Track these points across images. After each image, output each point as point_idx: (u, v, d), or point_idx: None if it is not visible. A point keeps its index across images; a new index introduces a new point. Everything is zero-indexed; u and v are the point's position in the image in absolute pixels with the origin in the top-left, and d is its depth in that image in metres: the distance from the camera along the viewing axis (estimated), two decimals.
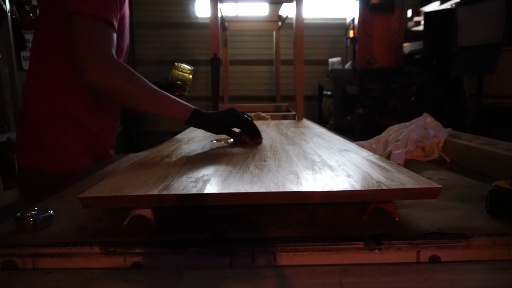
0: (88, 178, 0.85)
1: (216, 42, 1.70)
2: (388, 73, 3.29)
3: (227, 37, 2.81)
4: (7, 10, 1.94)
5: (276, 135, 1.09)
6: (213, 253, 0.48)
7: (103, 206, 0.55)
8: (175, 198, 0.51)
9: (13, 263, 0.48)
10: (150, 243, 0.48)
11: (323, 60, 4.59)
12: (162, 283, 0.41)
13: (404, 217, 0.56)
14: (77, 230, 0.53)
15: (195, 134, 1.17)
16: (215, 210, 0.60)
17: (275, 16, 2.67)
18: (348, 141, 0.98)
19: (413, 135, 1.04)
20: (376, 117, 3.61)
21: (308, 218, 0.56)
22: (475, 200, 0.63)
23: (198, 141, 1.01)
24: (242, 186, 0.53)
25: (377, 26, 3.24)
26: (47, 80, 0.96)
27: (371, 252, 0.48)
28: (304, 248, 0.48)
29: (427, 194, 0.51)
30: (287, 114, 1.96)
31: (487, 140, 1.03)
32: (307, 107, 4.33)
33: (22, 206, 0.65)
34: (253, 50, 4.70)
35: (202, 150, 0.87)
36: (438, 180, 0.79)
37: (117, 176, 0.61)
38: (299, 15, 1.63)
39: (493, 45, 2.34)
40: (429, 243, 0.48)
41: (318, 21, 4.67)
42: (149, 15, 4.57)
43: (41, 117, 0.97)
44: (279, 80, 2.94)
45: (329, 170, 0.62)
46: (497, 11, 2.29)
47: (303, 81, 1.68)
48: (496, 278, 0.42)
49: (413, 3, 4.53)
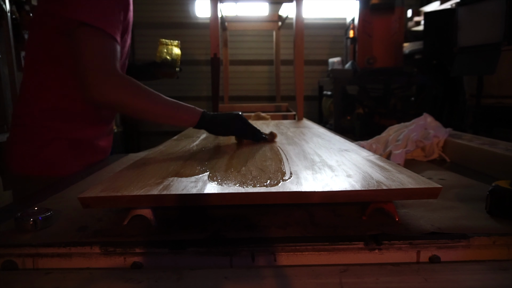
0: (88, 178, 0.85)
1: (216, 42, 1.70)
2: (388, 73, 3.29)
3: (227, 37, 2.81)
4: (7, 10, 1.94)
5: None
6: (213, 253, 0.48)
7: (103, 206, 0.54)
8: (175, 198, 0.51)
9: (13, 263, 0.48)
10: (150, 243, 0.48)
11: (323, 60, 4.59)
12: (162, 283, 0.41)
13: (404, 217, 0.56)
14: (77, 230, 0.53)
15: (195, 134, 1.17)
16: (215, 210, 0.60)
17: (275, 16, 2.67)
18: (348, 141, 0.98)
19: (413, 135, 1.04)
20: (376, 117, 3.61)
21: (308, 218, 0.56)
22: (475, 200, 0.63)
23: (198, 141, 1.01)
24: (242, 186, 0.53)
25: (377, 26, 3.24)
26: (43, 83, 0.94)
27: (371, 252, 0.48)
28: (304, 248, 0.48)
29: (427, 194, 0.51)
30: (287, 114, 1.96)
31: (487, 140, 1.03)
32: (307, 107, 4.34)
33: (22, 206, 0.65)
34: (253, 50, 4.70)
35: (202, 150, 0.87)
36: (438, 180, 0.79)
37: (117, 176, 0.61)
38: (299, 15, 1.63)
39: (493, 45, 2.34)
40: (429, 243, 0.48)
41: (318, 21, 4.67)
42: (149, 15, 4.57)
43: (34, 120, 0.95)
44: (279, 80, 2.94)
45: (329, 170, 0.62)
46: (497, 11, 2.29)
47: (303, 81, 1.68)
48: (496, 278, 0.42)
49: (413, 3, 4.53)
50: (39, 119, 0.95)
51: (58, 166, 0.97)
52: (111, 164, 1.01)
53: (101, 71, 0.81)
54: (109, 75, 0.81)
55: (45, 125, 0.95)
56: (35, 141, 0.95)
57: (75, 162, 0.99)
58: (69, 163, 0.98)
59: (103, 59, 0.81)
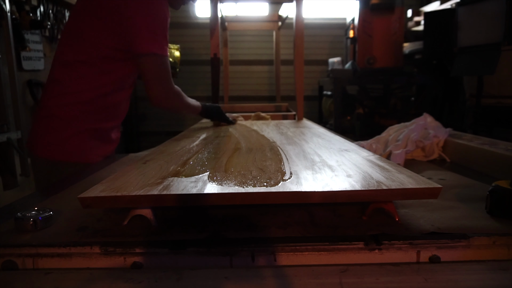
0: (88, 178, 0.85)
1: (216, 42, 1.70)
2: (388, 73, 3.29)
3: (227, 37, 2.81)
4: (7, 10, 1.94)
5: (276, 135, 1.09)
6: (213, 253, 0.48)
7: (103, 206, 0.54)
8: (175, 198, 0.51)
9: (13, 263, 0.48)
10: (150, 243, 0.48)
11: (323, 60, 4.59)
12: (162, 283, 0.41)
13: (404, 217, 0.56)
14: (77, 230, 0.53)
15: (195, 134, 1.17)
16: (215, 210, 0.60)
17: (275, 16, 2.67)
18: (348, 141, 0.98)
19: (413, 135, 1.04)
20: (376, 117, 3.61)
21: (308, 218, 0.56)
22: (475, 200, 0.62)
23: (198, 141, 1.01)
24: (242, 186, 0.53)
25: (377, 26, 3.24)
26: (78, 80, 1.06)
27: (371, 252, 0.48)
28: (304, 248, 0.48)
29: (427, 194, 0.51)
30: (287, 114, 1.96)
31: (487, 140, 1.03)
32: (307, 107, 4.33)
33: (22, 206, 0.65)
34: (253, 50, 4.70)
35: (202, 150, 0.87)
36: (438, 180, 0.79)
37: (117, 176, 0.61)
38: (299, 15, 1.63)
39: (493, 45, 2.34)
40: (429, 243, 0.48)
41: (318, 21, 4.66)
42: None
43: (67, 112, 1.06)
44: (279, 80, 2.94)
45: (329, 170, 0.62)
46: (497, 11, 2.29)
47: (303, 81, 1.68)
48: (496, 278, 0.42)
49: (413, 3, 4.52)
50: (72, 111, 1.07)
51: (81, 154, 1.10)
52: (111, 164, 1.01)
53: (162, 87, 1.11)
54: (166, 90, 1.13)
55: (76, 116, 1.07)
56: (64, 130, 1.07)
57: (93, 151, 1.13)
58: (89, 152, 1.11)
59: (163, 79, 1.11)
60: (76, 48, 1.06)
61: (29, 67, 2.43)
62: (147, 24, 1.03)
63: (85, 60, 1.05)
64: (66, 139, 1.07)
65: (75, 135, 1.08)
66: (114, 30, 1.03)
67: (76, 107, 1.07)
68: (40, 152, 1.09)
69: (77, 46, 1.06)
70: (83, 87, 1.06)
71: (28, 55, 2.41)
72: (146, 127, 4.75)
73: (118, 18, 1.01)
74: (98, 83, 1.08)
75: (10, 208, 0.65)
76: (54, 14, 2.67)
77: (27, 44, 2.29)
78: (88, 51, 1.05)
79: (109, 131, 1.18)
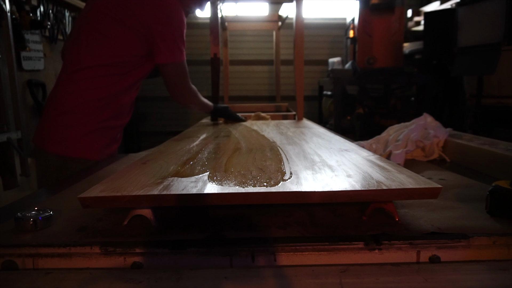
0: (88, 178, 0.85)
1: (216, 42, 1.70)
2: (388, 73, 3.28)
3: (227, 37, 2.81)
4: (7, 10, 1.94)
5: (276, 135, 1.09)
6: (213, 253, 0.48)
7: (103, 206, 0.54)
8: (175, 198, 0.51)
9: (13, 263, 0.48)
10: (150, 243, 0.48)
11: (323, 60, 4.59)
12: (162, 283, 0.41)
13: (404, 217, 0.56)
14: (77, 230, 0.53)
15: (195, 134, 1.17)
16: (215, 210, 0.60)
17: (275, 16, 2.67)
18: (348, 141, 0.98)
19: (413, 135, 1.04)
20: (376, 117, 3.61)
21: (308, 218, 0.56)
22: (475, 200, 0.62)
23: (198, 141, 1.01)
24: (242, 186, 0.53)
25: (377, 26, 3.23)
26: (98, 80, 1.10)
27: (371, 252, 0.48)
28: (304, 248, 0.48)
29: (427, 194, 0.51)
30: (287, 114, 1.96)
31: (487, 140, 1.03)
32: (307, 107, 4.32)
33: (22, 206, 0.65)
34: (253, 50, 4.69)
35: (202, 150, 0.87)
36: (438, 180, 0.79)
37: (117, 176, 0.61)
38: (299, 15, 1.63)
39: (493, 45, 2.34)
40: (429, 243, 0.48)
41: (318, 21, 4.66)
42: None
43: (84, 109, 1.09)
44: (279, 80, 2.94)
45: (329, 170, 0.62)
46: (497, 11, 2.29)
47: (303, 81, 1.68)
48: (496, 278, 0.42)
49: (413, 3, 4.52)
50: (89, 107, 1.10)
51: (93, 151, 1.13)
52: (111, 164, 1.01)
53: (182, 87, 1.28)
54: (185, 90, 1.30)
55: (92, 113, 1.11)
56: (83, 126, 1.11)
57: (104, 149, 1.16)
58: (100, 149, 1.15)
59: (182, 81, 1.26)
60: (99, 52, 1.10)
61: (29, 67, 2.43)
62: (168, 36, 1.13)
63: (106, 64, 1.10)
64: (83, 136, 1.10)
65: (92, 132, 1.11)
66: (140, 39, 1.11)
67: (92, 104, 1.11)
68: (52, 148, 1.10)
69: (100, 51, 1.10)
70: (100, 84, 1.11)
71: (28, 55, 2.40)
72: (146, 127, 4.74)
73: (143, 28, 1.10)
74: (115, 83, 1.12)
75: (10, 208, 0.65)
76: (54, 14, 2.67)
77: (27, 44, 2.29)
78: (112, 57, 1.10)
79: (118, 130, 1.22)
